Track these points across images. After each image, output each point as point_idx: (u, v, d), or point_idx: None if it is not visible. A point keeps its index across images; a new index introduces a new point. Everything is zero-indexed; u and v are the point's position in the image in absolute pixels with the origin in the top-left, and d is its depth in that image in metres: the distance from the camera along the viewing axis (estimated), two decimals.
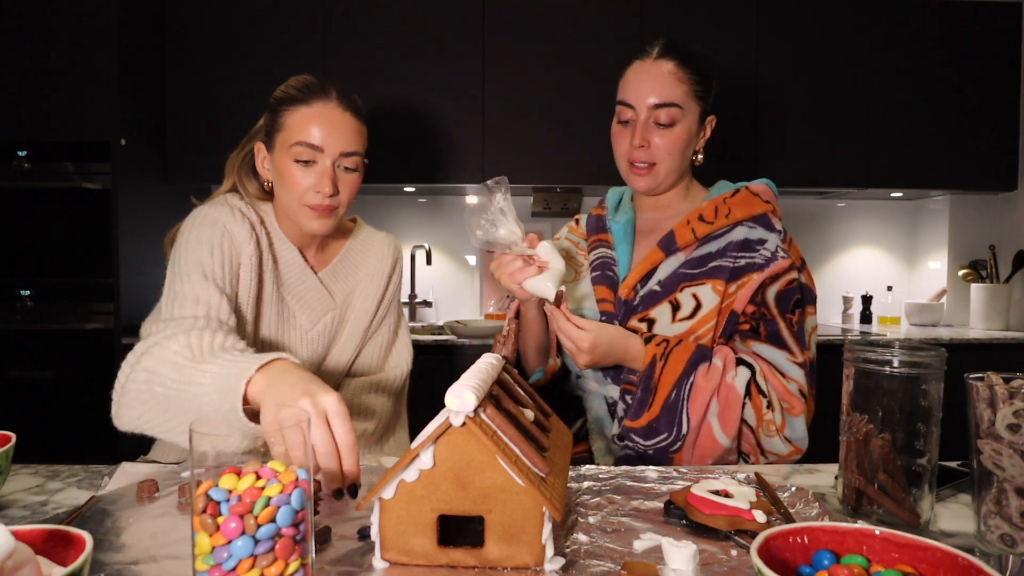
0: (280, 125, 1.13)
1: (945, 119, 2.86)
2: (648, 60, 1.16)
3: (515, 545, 0.64)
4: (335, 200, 1.13)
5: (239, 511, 0.50)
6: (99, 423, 2.47)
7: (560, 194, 3.03)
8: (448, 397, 0.62)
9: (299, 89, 1.14)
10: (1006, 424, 0.66)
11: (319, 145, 1.10)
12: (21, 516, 0.78)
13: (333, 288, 1.25)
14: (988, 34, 2.86)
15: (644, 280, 1.16)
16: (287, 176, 1.12)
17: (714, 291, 1.11)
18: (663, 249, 1.16)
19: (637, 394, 1.05)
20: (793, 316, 1.10)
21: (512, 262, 1.04)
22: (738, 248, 1.13)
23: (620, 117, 1.19)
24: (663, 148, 1.15)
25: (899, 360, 0.75)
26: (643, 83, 1.15)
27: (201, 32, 2.68)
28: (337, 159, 1.12)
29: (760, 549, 0.51)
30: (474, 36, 2.74)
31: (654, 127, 1.15)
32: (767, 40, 2.80)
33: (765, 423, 1.05)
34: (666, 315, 1.12)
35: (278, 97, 1.15)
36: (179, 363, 0.89)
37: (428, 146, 2.75)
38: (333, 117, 1.12)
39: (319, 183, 1.11)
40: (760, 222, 1.15)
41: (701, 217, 1.16)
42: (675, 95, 1.14)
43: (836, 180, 2.87)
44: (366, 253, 1.31)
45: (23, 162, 2.37)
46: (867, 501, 0.78)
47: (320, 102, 1.12)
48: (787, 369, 1.08)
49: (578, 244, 1.34)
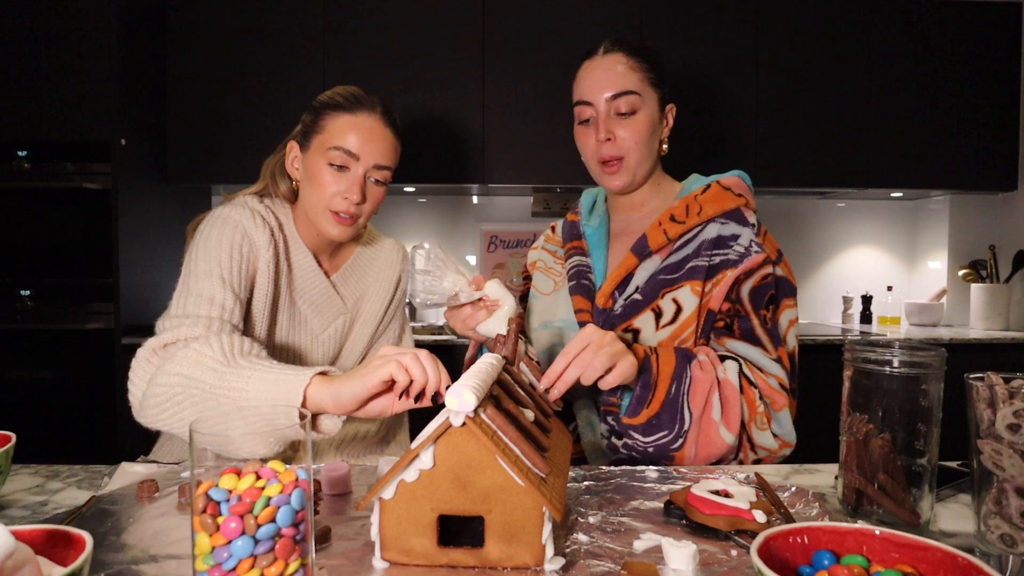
0: (320, 127, 1.15)
1: (945, 119, 2.86)
2: (597, 57, 1.18)
3: (515, 545, 0.64)
4: (360, 209, 1.15)
5: (239, 511, 0.50)
6: (99, 423, 2.47)
7: (560, 194, 3.03)
8: (448, 397, 0.63)
9: (346, 98, 1.16)
10: (1006, 424, 0.66)
11: (356, 153, 1.12)
12: (21, 516, 0.78)
13: (344, 292, 1.27)
14: (988, 34, 2.86)
15: (621, 287, 1.15)
16: (317, 178, 1.13)
17: (693, 292, 1.10)
18: (636, 254, 1.15)
19: (636, 390, 1.03)
20: (767, 312, 1.09)
21: (462, 310, 1.07)
22: (712, 246, 1.12)
23: (580, 117, 1.19)
24: (629, 139, 1.15)
25: (899, 360, 0.75)
26: (597, 78, 1.16)
27: (201, 33, 2.68)
28: (370, 170, 1.14)
29: (760, 549, 0.51)
30: (474, 36, 2.74)
31: (616, 119, 1.15)
32: (767, 40, 2.80)
33: (759, 415, 1.04)
34: (650, 323, 1.11)
35: (323, 101, 1.17)
36: (217, 369, 0.90)
37: (428, 146, 2.75)
38: (375, 129, 1.14)
39: (349, 190, 1.13)
40: (733, 217, 1.14)
41: (673, 217, 1.15)
42: (631, 83, 1.14)
43: (836, 180, 2.87)
44: (375, 258, 1.32)
45: (23, 162, 2.37)
46: (867, 501, 0.78)
47: (364, 113, 1.15)
48: (764, 364, 1.07)
49: (555, 253, 1.32)
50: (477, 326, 1.05)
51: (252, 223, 1.15)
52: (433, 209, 3.19)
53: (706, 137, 2.77)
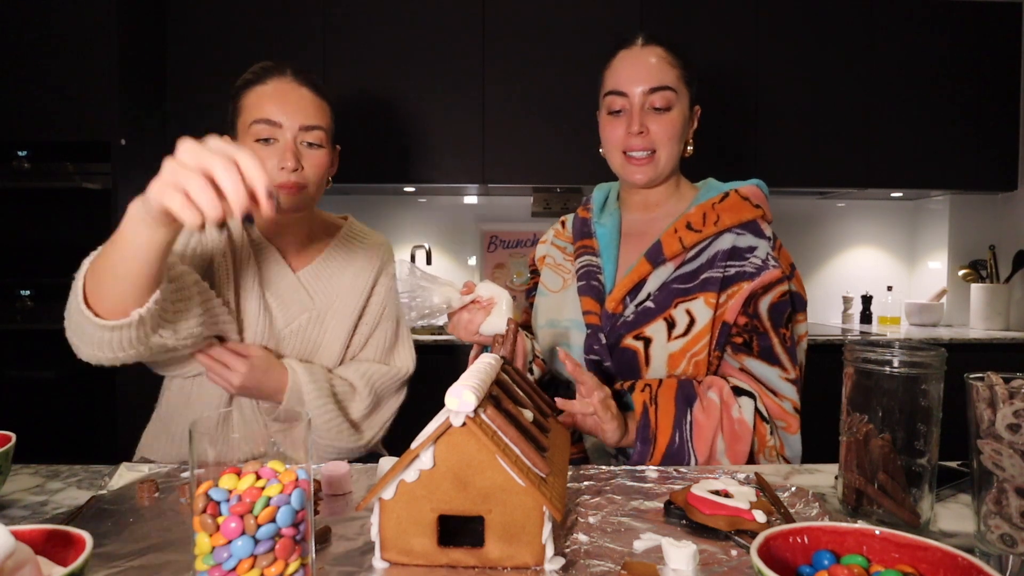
0: (239, 109, 1.12)
1: (945, 119, 2.86)
2: (635, 47, 1.14)
3: (515, 545, 0.64)
4: (300, 176, 1.10)
5: (239, 511, 0.50)
6: (99, 423, 2.47)
7: (560, 194, 3.03)
8: (448, 397, 0.62)
9: (255, 72, 1.13)
10: (1006, 424, 0.66)
11: (276, 120, 1.08)
12: (21, 516, 0.78)
13: (313, 288, 1.21)
14: (988, 34, 2.86)
15: (632, 293, 1.13)
16: None
17: (706, 304, 1.08)
18: (650, 261, 1.13)
19: (636, 446, 1.01)
20: (786, 331, 1.08)
21: (461, 317, 1.06)
22: (727, 256, 1.10)
23: (610, 108, 1.15)
24: (662, 134, 1.12)
25: (899, 360, 0.75)
26: (635, 70, 1.12)
27: (201, 32, 2.68)
28: (297, 134, 1.10)
29: (760, 549, 0.51)
30: (474, 36, 2.74)
31: (651, 113, 1.12)
32: (767, 40, 2.80)
33: (767, 449, 1.04)
34: (662, 333, 1.09)
35: (237, 85, 1.14)
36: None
37: (428, 146, 2.75)
38: (288, 92, 1.10)
39: (281, 159, 1.08)
40: (749, 228, 1.12)
41: (689, 225, 1.13)
42: (668, 78, 1.12)
43: (836, 180, 2.87)
44: (353, 254, 1.27)
45: (23, 162, 2.37)
46: (867, 501, 0.78)
47: (275, 79, 1.11)
48: (779, 387, 1.06)
49: (564, 249, 1.29)
50: (480, 327, 1.04)
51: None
52: (433, 209, 3.19)
53: (706, 136, 2.76)
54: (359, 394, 1.19)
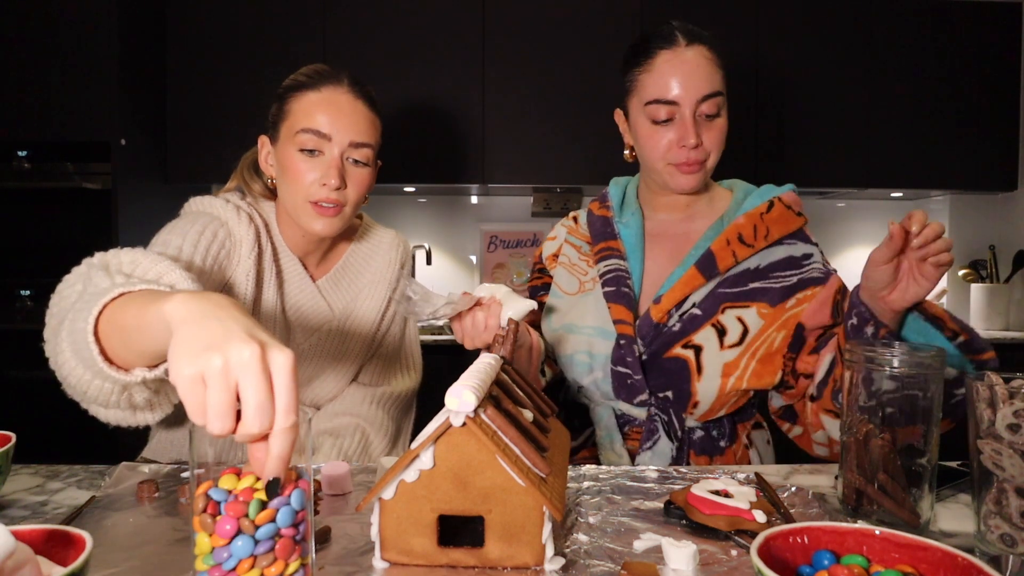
0: (286, 113, 1.04)
1: (945, 119, 2.86)
2: (679, 48, 1.05)
3: (515, 545, 0.64)
4: (341, 195, 1.03)
5: (237, 512, 0.50)
6: (99, 423, 2.46)
7: (560, 194, 3.03)
8: (448, 397, 0.62)
9: (308, 75, 1.05)
10: (1006, 424, 0.66)
11: (326, 133, 1.01)
12: (21, 516, 0.78)
13: (332, 298, 1.16)
14: (988, 34, 2.86)
15: (679, 303, 1.07)
16: (291, 168, 1.02)
17: (759, 315, 1.05)
18: (703, 273, 1.06)
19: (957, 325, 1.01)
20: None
21: (476, 324, 0.98)
22: (784, 267, 1.08)
23: (655, 117, 1.04)
24: (712, 142, 1.05)
25: (899, 360, 0.75)
26: (686, 75, 1.02)
27: (201, 32, 2.68)
28: (346, 150, 1.02)
29: (760, 549, 0.51)
30: (474, 36, 2.74)
31: (703, 121, 1.04)
32: (767, 40, 2.80)
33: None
34: (713, 340, 1.04)
35: (286, 85, 1.06)
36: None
37: (428, 146, 2.75)
38: (343, 104, 1.02)
39: (325, 175, 1.01)
40: (798, 237, 1.11)
41: (741, 238, 1.07)
42: (717, 83, 1.04)
43: (836, 180, 2.87)
44: (371, 257, 1.21)
45: (23, 162, 2.37)
46: (867, 501, 0.78)
47: (330, 87, 1.03)
48: None
49: (580, 248, 1.21)
50: (504, 317, 0.97)
51: (235, 217, 1.04)
52: (433, 209, 3.19)
53: None
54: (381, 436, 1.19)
